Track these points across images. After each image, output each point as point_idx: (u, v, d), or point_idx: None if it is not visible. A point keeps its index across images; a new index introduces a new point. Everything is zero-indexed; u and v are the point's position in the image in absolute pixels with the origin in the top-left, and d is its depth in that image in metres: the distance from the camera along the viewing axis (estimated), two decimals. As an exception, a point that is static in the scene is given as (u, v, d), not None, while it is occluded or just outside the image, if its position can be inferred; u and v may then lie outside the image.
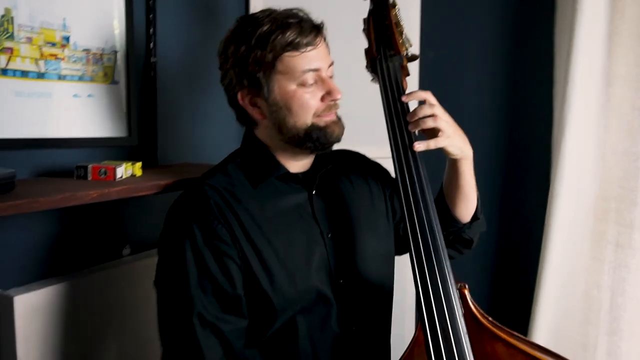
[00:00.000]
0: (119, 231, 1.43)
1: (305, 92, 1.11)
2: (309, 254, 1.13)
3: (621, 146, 1.68)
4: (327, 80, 1.12)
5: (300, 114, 1.11)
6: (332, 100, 1.12)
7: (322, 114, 1.12)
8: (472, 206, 1.27)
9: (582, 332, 1.77)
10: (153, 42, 1.44)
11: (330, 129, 1.13)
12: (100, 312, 1.33)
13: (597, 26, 1.65)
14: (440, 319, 1.03)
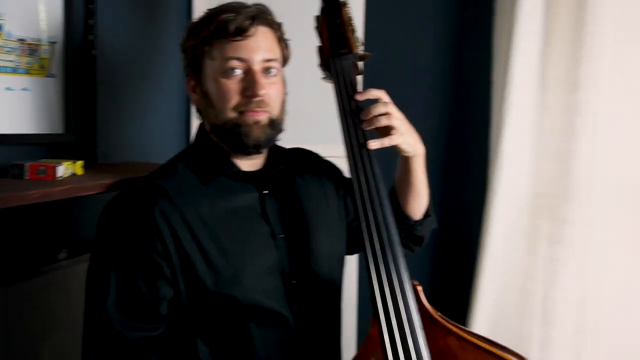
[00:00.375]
0: (54, 235, 1.36)
1: (228, 82, 1.09)
2: (259, 255, 1.12)
3: (555, 145, 1.75)
4: (254, 74, 1.09)
5: (219, 105, 1.10)
6: (251, 95, 1.08)
7: (244, 111, 1.10)
8: (424, 203, 1.29)
9: (518, 324, 1.82)
10: (93, 34, 1.38)
11: (247, 128, 1.10)
12: (34, 319, 1.26)
13: (533, 31, 1.71)
14: (397, 314, 1.04)
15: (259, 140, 1.11)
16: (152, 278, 1.05)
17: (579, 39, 1.67)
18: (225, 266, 1.07)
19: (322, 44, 1.25)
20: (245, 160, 1.16)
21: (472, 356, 1.06)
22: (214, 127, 1.13)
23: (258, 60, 1.10)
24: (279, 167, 1.19)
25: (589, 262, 1.75)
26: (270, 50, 1.13)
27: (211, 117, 1.13)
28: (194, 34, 1.12)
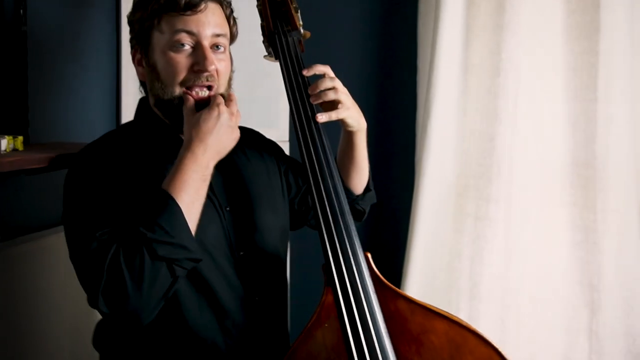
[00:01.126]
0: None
1: (177, 56, 1.09)
2: (208, 226, 1.12)
3: (478, 127, 1.85)
4: (204, 49, 1.10)
5: (166, 79, 1.10)
6: (199, 70, 1.09)
7: (192, 86, 1.10)
8: (365, 178, 1.33)
9: (446, 299, 1.90)
10: (23, 9, 1.33)
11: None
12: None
13: (456, 18, 1.80)
14: (351, 279, 1.08)
15: None
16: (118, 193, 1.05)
17: (499, 27, 1.78)
18: None
19: (265, 21, 1.28)
20: None
21: (421, 318, 1.11)
22: (159, 101, 1.12)
23: (207, 35, 1.11)
24: None
25: (511, 238, 1.86)
26: (219, 26, 1.13)
27: (157, 91, 1.12)
28: (143, 7, 1.11)
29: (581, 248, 1.85)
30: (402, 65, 1.99)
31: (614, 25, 1.74)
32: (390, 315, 1.11)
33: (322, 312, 1.11)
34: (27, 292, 1.16)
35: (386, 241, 2.06)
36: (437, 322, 1.12)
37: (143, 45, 1.13)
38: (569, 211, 1.86)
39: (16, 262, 1.28)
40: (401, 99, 1.99)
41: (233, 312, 1.14)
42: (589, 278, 1.85)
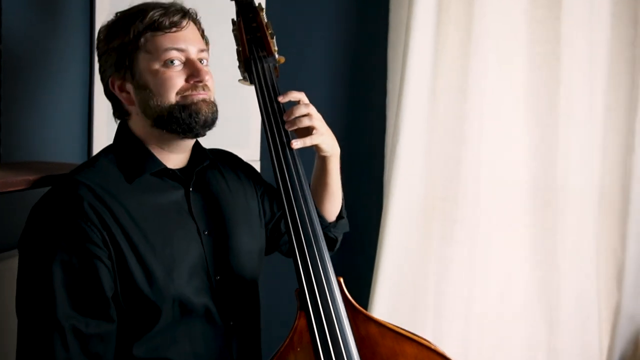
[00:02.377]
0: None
1: (169, 71, 1.11)
2: (186, 251, 1.13)
3: (445, 150, 1.89)
4: (195, 62, 1.12)
5: (163, 92, 1.10)
6: (198, 81, 1.11)
7: (189, 95, 1.11)
8: (338, 205, 1.36)
9: (412, 318, 1.94)
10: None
11: (196, 106, 1.11)
12: None
13: (425, 44, 1.84)
14: (324, 304, 1.11)
15: (207, 117, 1.12)
16: (96, 271, 1.03)
17: (465, 55, 1.84)
18: (155, 263, 1.08)
19: (241, 47, 1.30)
20: (170, 157, 1.17)
21: (392, 341, 1.14)
22: (158, 118, 1.11)
23: (195, 50, 1.13)
24: (204, 163, 1.21)
25: (475, 259, 1.91)
26: (201, 42, 1.17)
27: (153, 109, 1.11)
28: (122, 32, 1.11)
29: (541, 268, 1.91)
30: (372, 88, 2.03)
31: (573, 55, 1.82)
32: (361, 339, 1.14)
33: (294, 336, 1.13)
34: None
35: (355, 261, 2.08)
36: (407, 345, 1.15)
37: (126, 69, 1.12)
38: (530, 232, 1.92)
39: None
40: (371, 122, 2.03)
41: (207, 337, 1.14)
42: (548, 297, 1.91)
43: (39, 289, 1.02)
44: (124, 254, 1.05)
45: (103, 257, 1.04)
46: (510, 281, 1.94)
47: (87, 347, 1.02)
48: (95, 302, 1.04)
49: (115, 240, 1.05)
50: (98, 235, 1.04)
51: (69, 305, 1.01)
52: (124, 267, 1.06)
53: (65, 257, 1.02)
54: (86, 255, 1.03)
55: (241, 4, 1.33)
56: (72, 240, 1.02)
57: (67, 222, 1.03)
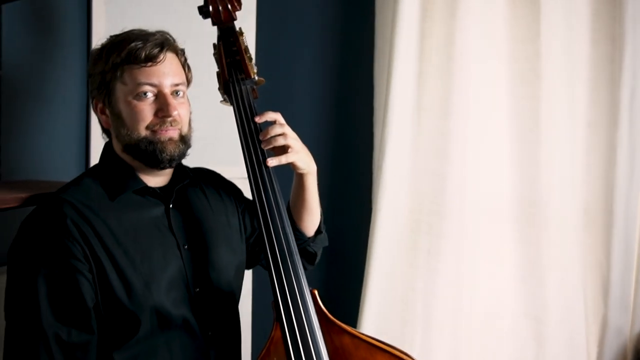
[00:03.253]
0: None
1: (141, 104, 1.17)
2: (166, 265, 1.19)
3: (430, 167, 1.94)
4: (166, 97, 1.18)
5: (133, 125, 1.17)
6: (164, 116, 1.17)
7: (157, 130, 1.17)
8: (316, 220, 1.40)
9: (401, 331, 1.97)
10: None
11: (162, 145, 1.17)
12: None
13: (409, 66, 1.89)
14: (297, 315, 1.15)
15: (173, 155, 1.19)
16: (77, 284, 1.09)
17: (449, 73, 1.90)
18: (134, 276, 1.13)
19: (221, 69, 1.36)
20: (152, 177, 1.23)
21: (365, 352, 1.18)
22: (127, 146, 1.19)
23: (168, 84, 1.19)
24: (184, 181, 1.27)
25: (461, 272, 1.94)
26: (177, 75, 1.21)
27: (123, 137, 1.18)
28: (104, 60, 1.18)
29: (527, 282, 1.95)
30: (359, 106, 2.09)
31: (554, 72, 1.87)
32: (335, 350, 1.18)
33: (271, 346, 1.17)
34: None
35: (343, 275, 2.13)
36: (379, 356, 1.19)
37: (105, 95, 1.19)
38: (515, 247, 1.96)
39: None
40: (358, 139, 2.09)
41: (186, 347, 1.19)
42: (535, 311, 1.94)
43: (24, 300, 1.08)
44: (104, 267, 1.11)
45: (84, 270, 1.10)
46: (498, 295, 1.97)
47: (69, 354, 1.08)
48: (76, 313, 1.09)
49: (96, 254, 1.11)
50: (80, 250, 1.10)
51: (52, 315, 1.07)
52: (104, 280, 1.11)
53: (49, 272, 1.08)
54: (68, 269, 1.09)
55: (223, 29, 1.39)
56: (55, 256, 1.08)
57: (50, 238, 1.09)
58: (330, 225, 2.10)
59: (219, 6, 1.37)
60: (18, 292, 1.09)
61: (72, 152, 1.66)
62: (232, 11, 1.38)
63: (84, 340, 1.09)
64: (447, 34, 1.89)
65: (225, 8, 1.37)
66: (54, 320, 1.07)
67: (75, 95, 1.20)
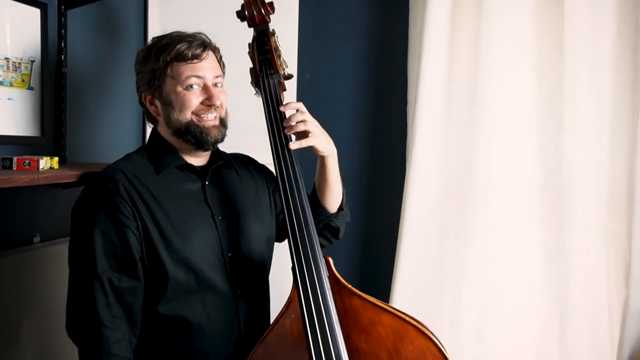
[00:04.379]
0: (30, 221, 1.60)
1: (189, 93, 1.37)
2: (202, 231, 1.38)
3: (459, 154, 2.05)
4: (210, 88, 1.38)
5: (181, 110, 1.37)
6: (210, 104, 1.37)
7: (201, 115, 1.37)
8: (338, 198, 1.56)
9: (431, 309, 2.09)
10: (64, 54, 1.64)
11: (207, 130, 1.38)
12: (14, 293, 1.48)
13: (439, 58, 2.02)
14: (310, 278, 1.30)
15: (217, 138, 1.40)
16: (126, 237, 1.30)
17: (476, 64, 2.00)
18: (173, 235, 1.33)
19: (253, 65, 1.54)
20: (193, 158, 1.43)
21: (371, 312, 1.31)
22: (177, 130, 1.39)
23: (210, 77, 1.39)
24: (218, 162, 1.47)
25: (488, 254, 2.05)
26: (216, 69, 1.42)
27: (174, 122, 1.39)
28: (153, 59, 1.38)
29: (551, 264, 2.02)
30: (393, 96, 2.22)
31: (577, 65, 1.93)
32: (345, 309, 1.32)
33: (290, 305, 1.33)
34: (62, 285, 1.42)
35: (376, 255, 2.26)
36: (384, 316, 1.31)
37: (156, 88, 1.40)
38: (540, 230, 2.03)
39: (56, 260, 1.56)
40: (392, 128, 2.22)
41: (218, 302, 1.38)
42: (559, 292, 2.01)
43: (84, 251, 1.30)
44: (148, 227, 1.32)
45: (132, 227, 1.31)
46: (523, 276, 2.05)
47: (121, 296, 1.30)
48: (125, 262, 1.30)
49: (141, 215, 1.32)
50: (128, 209, 1.31)
51: (106, 263, 1.29)
52: (148, 238, 1.32)
53: (103, 226, 1.30)
54: (119, 224, 1.30)
55: (258, 31, 1.57)
56: (108, 213, 1.30)
57: (105, 198, 1.31)
58: (365, 209, 2.27)
59: (253, 11, 1.54)
60: (78, 244, 1.31)
61: (129, 138, 1.88)
62: (265, 15, 1.55)
63: (132, 285, 1.31)
64: (475, 25, 1.99)
65: (259, 12, 1.54)
66: (108, 268, 1.29)
67: (132, 88, 1.41)
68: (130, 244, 1.30)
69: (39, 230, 1.60)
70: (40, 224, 1.61)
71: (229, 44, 1.58)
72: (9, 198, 1.49)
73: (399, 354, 1.29)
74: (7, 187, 1.18)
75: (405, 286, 2.09)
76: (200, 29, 1.44)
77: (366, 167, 2.26)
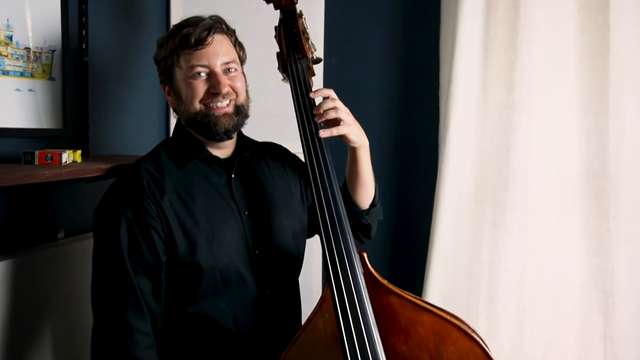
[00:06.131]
0: (54, 217, 1.55)
1: (195, 82, 1.30)
2: (227, 228, 1.32)
3: (495, 140, 1.96)
4: (216, 75, 1.30)
5: (188, 100, 1.31)
6: (215, 92, 1.30)
7: (210, 104, 1.31)
8: (370, 193, 1.48)
9: (466, 302, 2.01)
10: (85, 43, 1.58)
11: (215, 119, 1.30)
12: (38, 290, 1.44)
13: (474, 38, 1.92)
14: (344, 275, 1.23)
15: (227, 127, 1.32)
16: (153, 239, 1.24)
17: (513, 46, 1.90)
18: (198, 235, 1.27)
19: (280, 50, 1.47)
20: (216, 149, 1.37)
21: (411, 312, 1.24)
22: (188, 121, 1.34)
23: (218, 64, 1.32)
24: (245, 153, 1.40)
25: (527, 244, 1.95)
26: (227, 54, 1.34)
27: (183, 112, 1.34)
28: (164, 48, 1.33)
29: (595, 255, 1.93)
30: (425, 79, 2.13)
31: (623, 42, 1.82)
32: (382, 308, 1.25)
33: (323, 304, 1.27)
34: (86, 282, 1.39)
35: (409, 246, 2.19)
36: (425, 315, 1.24)
37: (168, 78, 1.35)
38: (582, 219, 1.94)
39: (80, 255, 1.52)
40: (424, 113, 2.13)
41: (246, 303, 1.32)
42: (603, 284, 1.92)
43: (109, 254, 1.25)
44: (172, 227, 1.26)
45: (158, 228, 1.25)
46: (564, 268, 1.96)
47: (149, 300, 1.24)
48: (152, 265, 1.25)
49: (166, 216, 1.26)
50: (154, 209, 1.25)
51: (134, 267, 1.23)
52: (171, 239, 1.26)
53: (130, 228, 1.24)
54: (146, 226, 1.24)
55: (285, 12, 1.49)
56: (135, 214, 1.24)
57: (130, 198, 1.25)
58: (397, 198, 2.19)
59: (280, -8, 1.47)
60: (104, 247, 1.26)
61: (153, 129, 1.83)
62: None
63: (158, 288, 1.25)
64: (511, 4, 1.89)
65: (286, -7, 1.47)
66: (136, 271, 1.23)
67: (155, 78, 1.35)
68: (156, 246, 1.25)
69: (63, 225, 1.56)
70: (64, 219, 1.57)
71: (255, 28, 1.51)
72: (32, 193, 1.45)
73: (441, 356, 1.22)
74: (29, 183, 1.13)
75: (439, 280, 2.01)
76: (225, 14, 1.36)
77: (397, 156, 2.18)
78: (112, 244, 1.23)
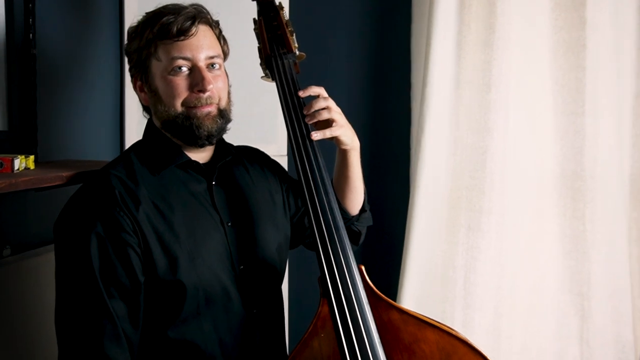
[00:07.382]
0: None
1: (176, 79, 1.15)
2: (209, 241, 1.18)
3: (470, 141, 1.90)
4: (200, 70, 1.16)
5: (168, 100, 1.16)
6: (199, 90, 1.15)
7: (194, 105, 1.16)
8: (360, 198, 1.38)
9: (441, 308, 1.95)
10: (32, 33, 1.39)
11: (198, 121, 1.16)
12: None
13: (448, 36, 1.86)
14: (345, 291, 1.13)
15: (210, 131, 1.17)
16: (130, 258, 1.08)
17: (489, 44, 1.84)
18: (178, 250, 1.12)
19: (262, 44, 1.34)
20: (194, 154, 1.22)
21: (414, 328, 1.16)
22: (165, 122, 1.18)
23: (202, 57, 1.17)
24: (226, 158, 1.26)
25: (503, 249, 1.91)
26: (211, 48, 1.19)
27: (162, 113, 1.18)
28: (138, 37, 1.17)
29: (571, 257, 1.91)
30: (395, 81, 2.05)
31: (599, 41, 1.81)
32: (383, 325, 1.16)
33: (318, 322, 1.16)
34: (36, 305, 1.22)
35: (382, 252, 2.11)
36: (429, 331, 1.17)
37: (142, 72, 1.18)
38: (558, 222, 1.91)
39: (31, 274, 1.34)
40: (395, 115, 2.06)
41: (232, 325, 1.18)
42: (579, 286, 1.90)
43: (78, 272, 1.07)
44: (149, 243, 1.11)
45: (134, 245, 1.09)
46: (540, 271, 1.93)
47: (125, 326, 1.08)
48: (128, 287, 1.09)
49: (142, 229, 1.10)
50: (129, 223, 1.09)
51: (108, 290, 1.07)
52: (149, 256, 1.11)
53: (101, 246, 1.07)
54: (120, 243, 1.08)
55: (262, 4, 1.36)
56: (106, 229, 1.08)
57: (101, 210, 1.08)
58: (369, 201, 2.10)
59: (257, -19, 1.34)
60: (70, 264, 1.09)
61: (107, 131, 1.66)
62: (269, -15, 1.35)
63: (136, 313, 1.10)
64: (487, 2, 1.84)
65: (264, -18, 1.35)
66: (109, 295, 1.07)
67: (110, 74, 1.19)
68: (133, 265, 1.09)
69: (9, 241, 1.36)
70: (10, 233, 1.37)
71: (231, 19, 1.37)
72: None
73: (448, 373, 1.14)
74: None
75: (413, 286, 1.94)
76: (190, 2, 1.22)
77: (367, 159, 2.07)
78: (81, 264, 1.06)
